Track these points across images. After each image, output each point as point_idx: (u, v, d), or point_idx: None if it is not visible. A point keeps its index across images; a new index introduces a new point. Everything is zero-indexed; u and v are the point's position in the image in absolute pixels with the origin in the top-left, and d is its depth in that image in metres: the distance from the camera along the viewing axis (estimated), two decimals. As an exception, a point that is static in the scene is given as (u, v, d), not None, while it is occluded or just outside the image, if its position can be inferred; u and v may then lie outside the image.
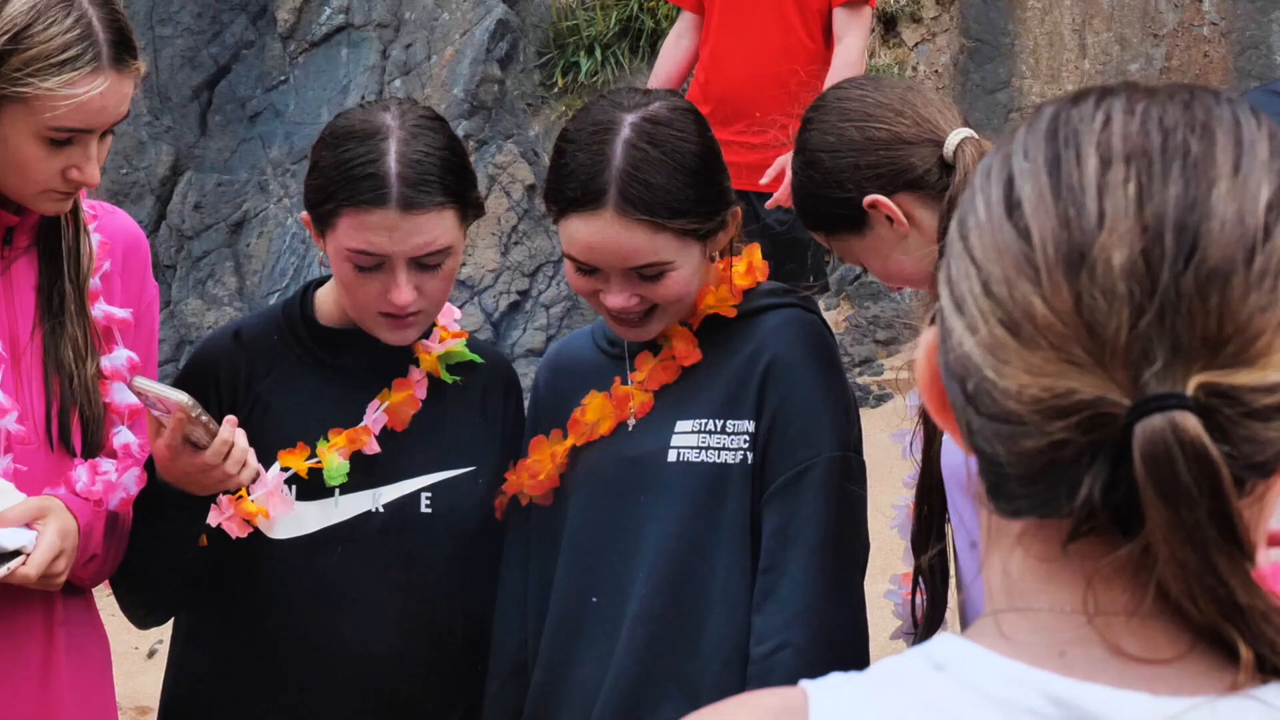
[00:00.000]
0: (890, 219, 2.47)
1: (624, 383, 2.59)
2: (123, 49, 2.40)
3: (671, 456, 2.51)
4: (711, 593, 2.49)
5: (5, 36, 2.32)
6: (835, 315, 7.44)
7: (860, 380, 7.14)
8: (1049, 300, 0.92)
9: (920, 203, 2.48)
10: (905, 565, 2.61)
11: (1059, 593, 0.97)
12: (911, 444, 2.52)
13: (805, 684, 1.00)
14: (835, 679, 1.00)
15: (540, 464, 2.62)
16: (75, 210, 2.54)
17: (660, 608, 2.50)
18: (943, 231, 2.43)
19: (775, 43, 5.35)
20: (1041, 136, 0.98)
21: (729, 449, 2.48)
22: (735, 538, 2.47)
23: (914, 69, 8.11)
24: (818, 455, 2.44)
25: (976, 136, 2.49)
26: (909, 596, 2.57)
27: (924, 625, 2.54)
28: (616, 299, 2.49)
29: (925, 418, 2.44)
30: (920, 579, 2.52)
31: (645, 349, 2.60)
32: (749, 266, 2.60)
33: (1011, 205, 0.96)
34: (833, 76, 5.16)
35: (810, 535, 2.43)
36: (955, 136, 2.47)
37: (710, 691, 2.45)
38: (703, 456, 2.50)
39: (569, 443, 2.60)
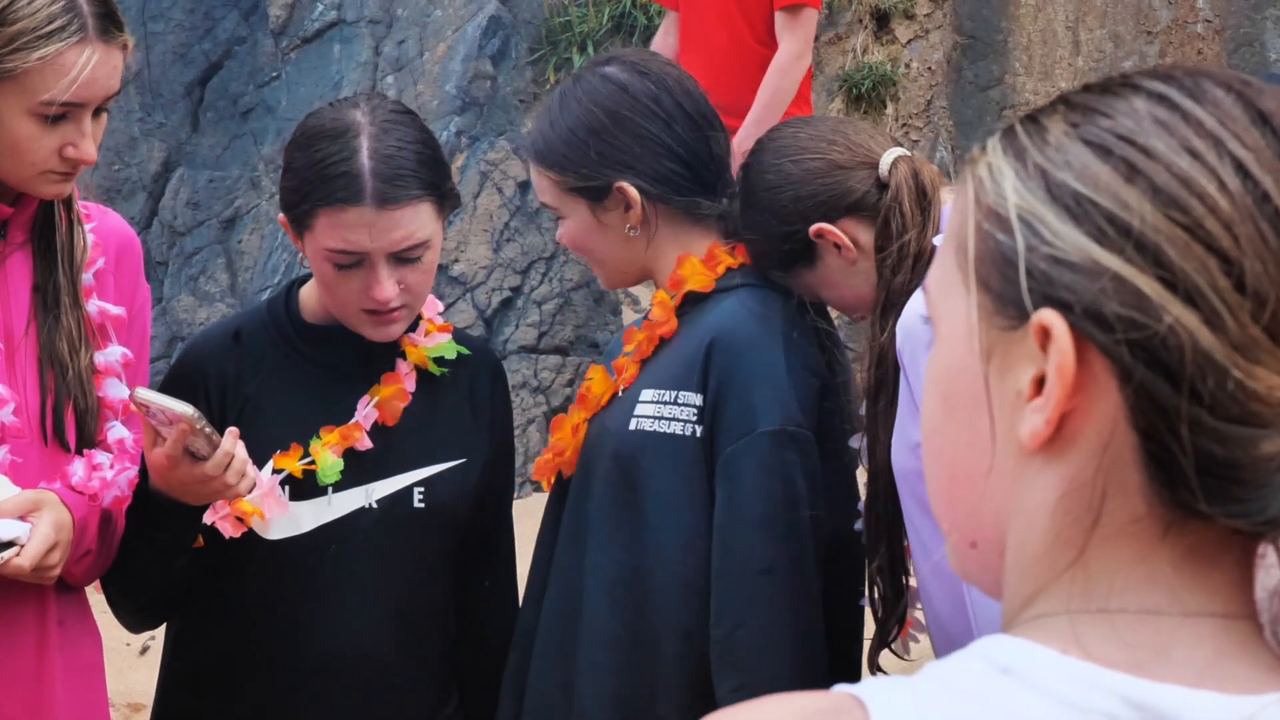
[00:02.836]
0: (838, 245, 2.51)
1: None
2: (108, 21, 2.41)
3: (633, 425, 2.53)
4: (664, 564, 2.50)
5: None
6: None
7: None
8: None
9: (864, 226, 2.52)
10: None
11: (1180, 593, 0.95)
12: (862, 450, 2.54)
13: (854, 690, 0.96)
14: (889, 684, 0.96)
15: (563, 440, 2.64)
16: (69, 204, 2.53)
17: (613, 577, 2.52)
18: (878, 249, 2.47)
19: (724, 46, 5.37)
20: (1248, 122, 0.94)
21: (679, 420, 2.49)
22: (691, 508, 2.48)
23: (907, 65, 8.10)
24: (754, 430, 2.43)
25: (910, 155, 2.54)
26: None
27: (878, 633, 2.55)
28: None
29: (870, 424, 2.46)
30: (877, 581, 2.53)
31: (632, 325, 2.65)
32: (735, 247, 2.61)
33: (1259, 196, 0.92)
34: (765, 83, 5.18)
35: (750, 512, 2.43)
36: (888, 157, 2.52)
37: (668, 662, 2.47)
38: (656, 426, 2.51)
39: (582, 415, 2.62)
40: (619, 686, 2.51)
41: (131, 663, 5.57)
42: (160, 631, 2.83)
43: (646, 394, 2.53)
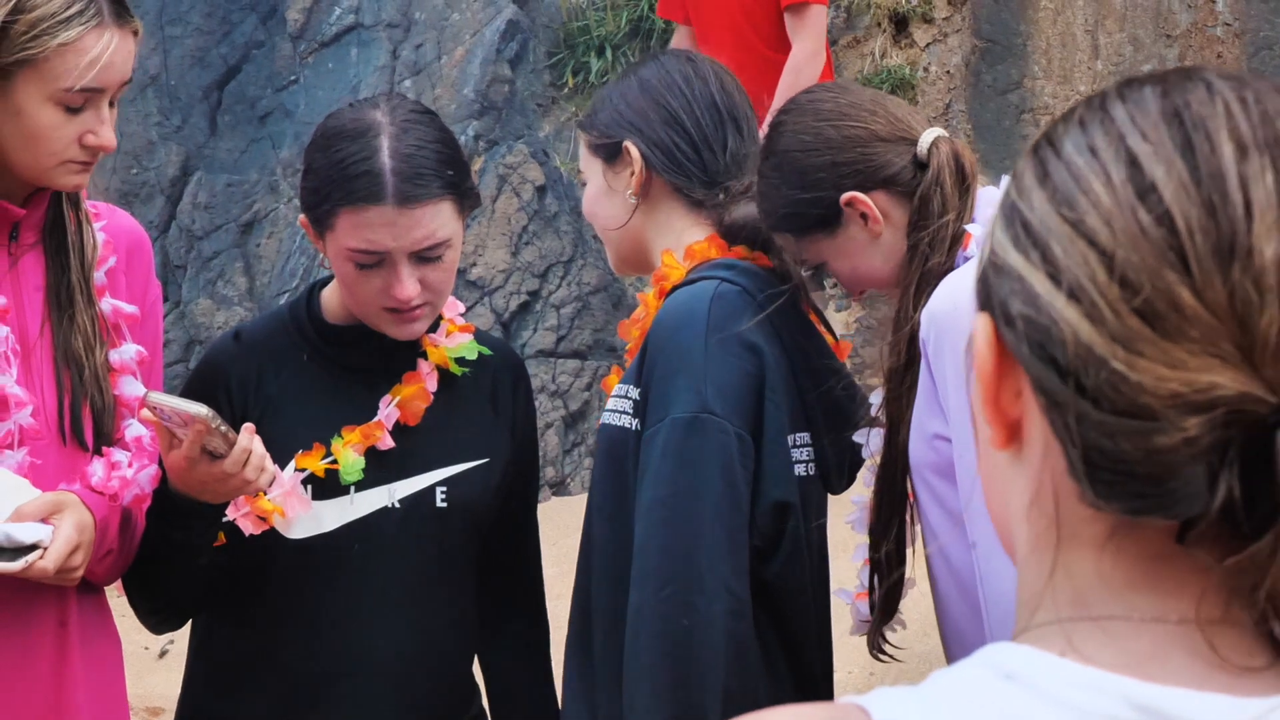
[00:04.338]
0: (865, 217, 2.49)
1: None
2: (120, 6, 2.44)
3: (603, 419, 2.58)
4: (595, 550, 2.54)
5: (8, 6, 2.35)
6: (845, 316, 7.42)
7: (872, 381, 7.10)
8: (1200, 292, 0.89)
9: (893, 201, 2.49)
10: (855, 560, 2.60)
11: (1144, 598, 0.94)
12: (869, 440, 2.52)
13: (859, 699, 0.96)
14: (894, 692, 0.96)
15: None
16: (76, 203, 2.55)
17: (579, 569, 2.58)
18: (913, 227, 2.44)
19: (734, 55, 5.39)
20: (1159, 118, 0.94)
21: (625, 413, 2.51)
22: (631, 497, 2.49)
23: (925, 69, 8.08)
24: (665, 416, 2.44)
25: (949, 136, 2.52)
26: (864, 592, 2.57)
27: (879, 614, 2.54)
28: None
29: (893, 404, 2.44)
30: (878, 568, 2.52)
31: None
32: (711, 240, 2.60)
33: (1143, 189, 0.92)
34: (781, 81, 5.19)
35: (647, 496, 2.43)
36: (928, 135, 2.50)
37: (599, 647, 2.50)
38: (609, 419, 2.54)
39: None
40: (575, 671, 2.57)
41: (150, 666, 5.57)
42: (179, 635, 2.83)
43: (616, 388, 2.56)
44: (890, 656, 2.57)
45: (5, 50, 2.35)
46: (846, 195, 2.48)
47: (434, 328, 2.72)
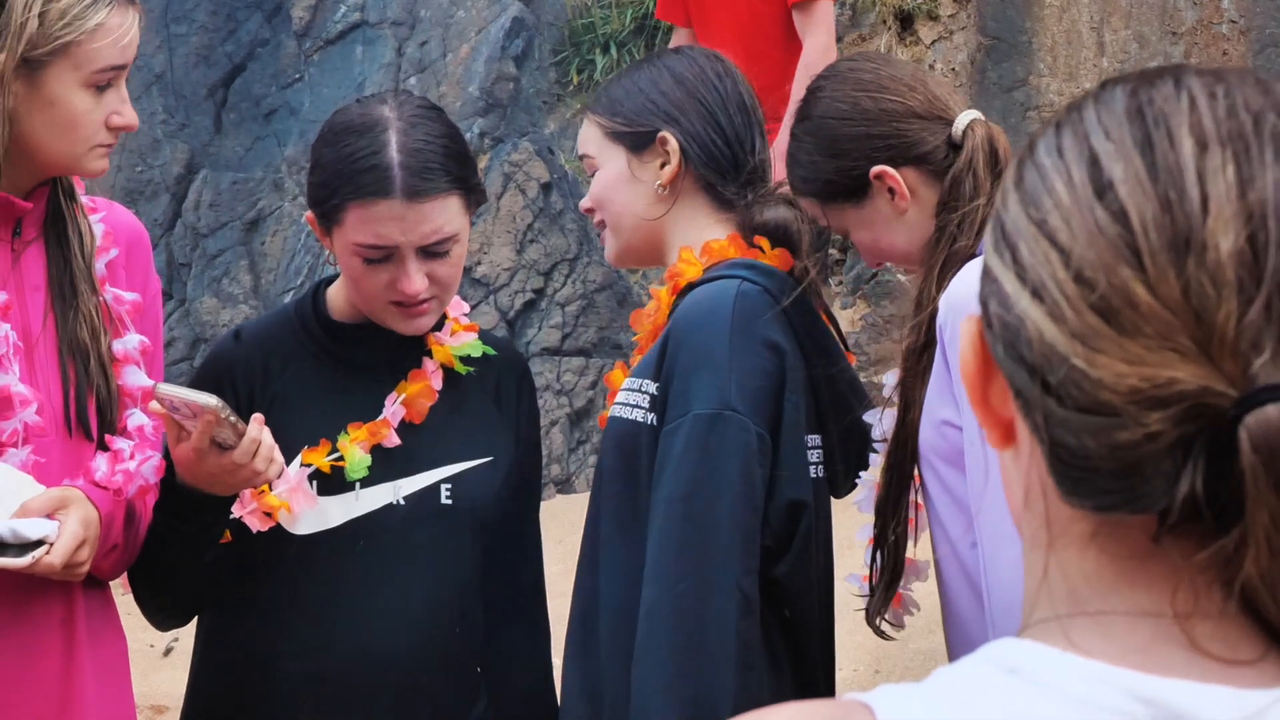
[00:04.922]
0: (893, 191, 2.49)
1: None
2: None
3: (611, 411, 2.57)
4: (603, 546, 2.53)
5: (38, 1, 2.41)
6: (852, 314, 7.42)
7: (876, 379, 7.09)
8: (1154, 286, 0.89)
9: (923, 179, 2.50)
10: (860, 538, 2.61)
11: (1136, 594, 0.94)
12: (880, 421, 2.53)
13: (863, 697, 0.96)
14: (898, 690, 0.96)
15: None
16: (72, 195, 2.57)
17: (583, 559, 2.58)
18: (943, 208, 2.45)
19: (740, 56, 5.37)
20: (1123, 116, 0.94)
21: (639, 408, 2.50)
22: (644, 492, 2.48)
23: (931, 67, 8.08)
24: (687, 412, 2.43)
25: (984, 119, 2.52)
26: (868, 573, 2.57)
27: (880, 592, 2.54)
28: None
29: (907, 382, 2.44)
30: (882, 546, 2.52)
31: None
32: (731, 239, 2.60)
33: (1101, 187, 0.92)
34: (796, 78, 5.19)
35: (666, 491, 2.42)
36: (965, 117, 2.51)
37: (606, 643, 2.49)
38: (620, 412, 2.53)
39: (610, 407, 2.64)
40: (580, 670, 2.56)
41: (155, 664, 5.58)
42: (184, 633, 2.83)
43: (627, 382, 2.56)
44: (885, 634, 2.57)
45: (41, 41, 2.40)
46: (876, 168, 2.49)
47: (439, 326, 2.73)
